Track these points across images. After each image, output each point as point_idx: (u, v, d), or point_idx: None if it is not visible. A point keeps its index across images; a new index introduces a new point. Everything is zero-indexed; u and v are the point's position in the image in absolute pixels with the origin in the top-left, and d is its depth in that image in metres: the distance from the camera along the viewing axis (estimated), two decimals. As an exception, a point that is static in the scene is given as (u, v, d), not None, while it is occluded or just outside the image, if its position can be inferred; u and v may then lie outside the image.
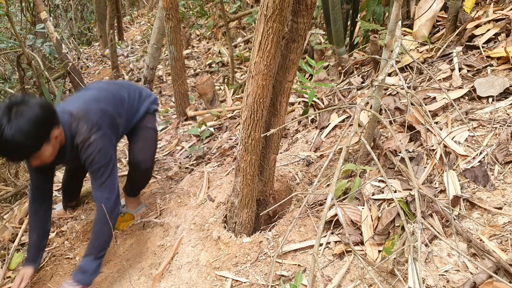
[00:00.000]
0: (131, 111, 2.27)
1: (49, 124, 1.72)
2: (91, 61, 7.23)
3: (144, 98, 2.40)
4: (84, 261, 1.85)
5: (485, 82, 2.01)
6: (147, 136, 2.36)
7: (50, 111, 1.72)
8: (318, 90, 3.04)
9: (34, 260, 2.01)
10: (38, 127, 1.65)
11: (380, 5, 3.01)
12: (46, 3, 6.96)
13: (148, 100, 2.42)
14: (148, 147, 2.34)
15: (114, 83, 2.35)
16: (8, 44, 3.70)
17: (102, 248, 1.90)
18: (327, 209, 1.08)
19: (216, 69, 5.35)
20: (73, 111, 1.89)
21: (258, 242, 1.87)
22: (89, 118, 1.89)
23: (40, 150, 1.70)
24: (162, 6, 3.45)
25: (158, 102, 2.53)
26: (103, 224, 1.87)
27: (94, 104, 1.98)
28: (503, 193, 1.53)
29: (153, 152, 2.39)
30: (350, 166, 1.89)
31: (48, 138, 1.72)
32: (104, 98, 2.07)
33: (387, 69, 1.44)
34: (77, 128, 1.86)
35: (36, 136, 1.65)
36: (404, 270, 1.45)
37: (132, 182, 2.40)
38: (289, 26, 1.58)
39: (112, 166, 1.92)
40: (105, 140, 1.90)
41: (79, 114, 1.88)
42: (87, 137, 1.85)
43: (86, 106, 1.94)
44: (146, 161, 2.30)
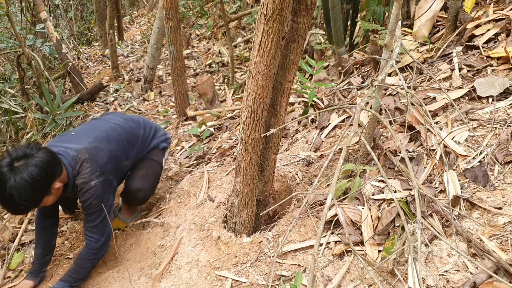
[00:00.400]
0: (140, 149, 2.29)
1: (50, 180, 1.74)
2: (91, 61, 7.23)
3: (157, 136, 2.43)
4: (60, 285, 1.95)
5: (485, 82, 2.01)
6: (151, 166, 2.34)
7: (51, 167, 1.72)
8: (318, 90, 3.04)
9: (36, 275, 2.08)
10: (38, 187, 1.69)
11: (380, 5, 3.01)
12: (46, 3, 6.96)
13: (160, 138, 2.44)
14: (150, 176, 2.31)
15: (133, 120, 2.32)
16: (8, 44, 3.70)
17: (79, 280, 2.00)
18: (327, 209, 1.08)
19: (216, 69, 5.35)
20: (80, 149, 1.89)
21: (258, 242, 1.87)
22: (94, 161, 1.88)
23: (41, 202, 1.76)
24: (162, 6, 3.45)
25: (170, 142, 2.55)
26: (87, 261, 1.98)
27: (104, 145, 1.97)
28: (503, 193, 1.53)
29: (154, 183, 2.36)
30: (350, 166, 1.88)
31: (49, 192, 1.76)
32: (115, 138, 2.06)
33: (387, 69, 1.44)
34: (80, 168, 1.86)
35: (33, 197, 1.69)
36: (404, 270, 1.45)
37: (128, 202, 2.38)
38: (289, 26, 1.58)
39: (107, 211, 1.96)
40: (105, 186, 1.91)
41: (86, 154, 1.88)
42: (88, 181, 1.86)
43: (95, 146, 1.93)
44: (145, 190, 2.26)
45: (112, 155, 1.98)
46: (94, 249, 1.96)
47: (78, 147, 1.89)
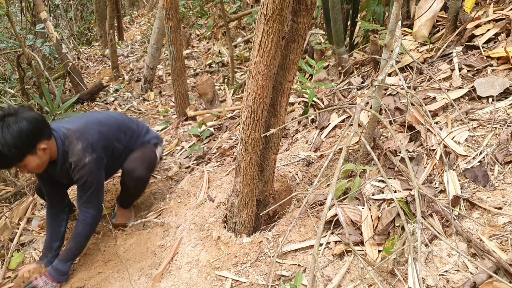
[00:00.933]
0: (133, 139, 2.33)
1: (35, 137, 1.78)
2: (91, 61, 7.23)
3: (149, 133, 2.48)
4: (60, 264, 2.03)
5: (485, 82, 2.01)
6: (146, 152, 2.36)
7: (39, 124, 1.78)
8: (318, 90, 3.04)
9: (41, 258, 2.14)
10: (21, 140, 1.72)
11: (380, 5, 3.01)
12: (46, 3, 6.96)
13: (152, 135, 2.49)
14: (145, 159, 2.32)
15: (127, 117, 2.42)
16: (8, 44, 3.70)
17: (78, 255, 2.10)
18: (327, 209, 1.08)
19: (216, 69, 5.35)
20: (71, 128, 1.95)
21: (258, 242, 1.87)
22: (85, 138, 1.94)
23: (22, 161, 1.78)
24: (162, 6, 3.45)
25: (162, 140, 2.59)
26: (85, 237, 2.06)
27: (94, 126, 2.05)
28: (503, 193, 1.54)
29: (149, 165, 2.35)
30: (350, 166, 1.88)
31: (33, 150, 1.79)
32: (106, 124, 2.13)
33: (387, 69, 1.44)
34: (71, 146, 1.91)
35: (18, 148, 1.73)
36: (404, 270, 1.45)
37: (125, 191, 2.37)
38: (289, 26, 1.58)
39: (100, 186, 2.04)
40: (98, 162, 1.98)
41: (76, 132, 1.94)
42: (81, 158, 1.91)
43: (85, 126, 2.00)
44: (141, 168, 2.26)
45: (102, 135, 2.05)
46: (90, 224, 2.04)
47: (69, 126, 1.96)
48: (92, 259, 2.22)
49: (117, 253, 2.21)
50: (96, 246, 2.32)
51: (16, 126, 1.70)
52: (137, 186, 2.32)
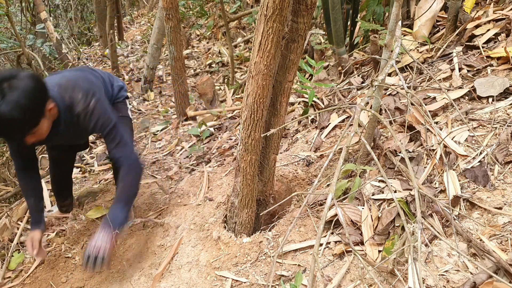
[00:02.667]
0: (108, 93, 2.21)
1: (44, 96, 1.65)
2: (91, 61, 7.23)
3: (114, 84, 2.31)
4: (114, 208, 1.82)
5: (485, 82, 2.01)
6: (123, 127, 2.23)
7: (41, 82, 1.64)
8: (318, 90, 3.04)
9: (39, 222, 2.03)
10: (34, 100, 1.58)
11: (380, 5, 3.01)
12: (46, 3, 6.96)
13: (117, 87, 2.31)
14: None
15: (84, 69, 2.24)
16: (8, 44, 3.70)
17: (132, 197, 1.91)
18: (327, 209, 1.08)
19: (216, 69, 5.35)
20: (60, 82, 1.81)
21: (258, 242, 1.87)
22: (81, 86, 1.82)
23: (38, 125, 1.63)
24: (162, 6, 3.45)
25: (126, 89, 2.43)
26: (133, 176, 1.88)
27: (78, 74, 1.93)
28: (503, 193, 1.53)
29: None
30: (350, 166, 1.88)
31: (45, 112, 1.65)
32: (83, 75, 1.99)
33: (387, 69, 1.44)
34: (71, 98, 1.79)
35: (33, 110, 1.58)
36: (404, 270, 1.45)
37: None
38: (289, 26, 1.58)
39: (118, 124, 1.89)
40: (103, 103, 1.87)
41: (68, 85, 1.81)
42: (87, 104, 1.79)
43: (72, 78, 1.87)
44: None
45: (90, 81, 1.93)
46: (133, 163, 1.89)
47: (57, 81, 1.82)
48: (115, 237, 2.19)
49: (117, 253, 2.21)
50: (96, 246, 2.32)
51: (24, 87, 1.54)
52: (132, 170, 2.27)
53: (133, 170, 1.89)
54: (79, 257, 2.26)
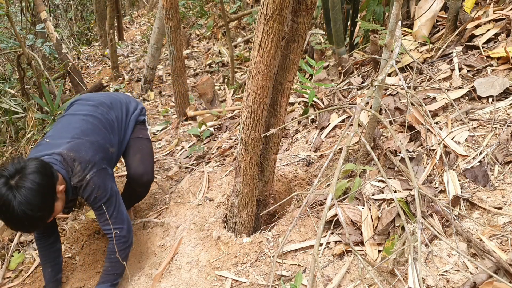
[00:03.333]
0: (121, 131, 2.20)
1: (53, 182, 1.67)
2: (91, 61, 7.23)
3: (132, 112, 2.32)
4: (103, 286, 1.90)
5: (485, 82, 2.01)
6: (143, 147, 2.28)
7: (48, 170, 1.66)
8: (318, 90, 3.04)
9: None
10: (45, 194, 1.61)
11: (380, 5, 3.01)
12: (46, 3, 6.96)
13: (135, 114, 2.33)
14: (147, 158, 2.26)
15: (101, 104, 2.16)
16: (8, 44, 3.70)
17: (119, 276, 1.95)
18: (327, 209, 1.08)
19: (216, 69, 5.35)
20: (62, 152, 1.80)
21: (258, 242, 1.87)
22: (82, 158, 1.81)
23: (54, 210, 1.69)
24: (162, 6, 3.45)
25: (145, 111, 2.45)
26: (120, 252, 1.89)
27: (84, 139, 1.89)
28: (503, 193, 1.53)
29: (153, 162, 2.31)
30: (350, 166, 1.88)
31: (56, 197, 1.69)
32: (92, 130, 1.96)
33: (387, 69, 1.44)
34: (72, 169, 1.80)
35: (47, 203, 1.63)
36: (404, 270, 1.45)
37: (130, 195, 2.30)
38: (289, 26, 1.58)
39: (115, 198, 1.90)
40: (101, 175, 1.85)
41: (70, 153, 1.80)
42: (83, 177, 1.79)
43: (75, 144, 1.84)
44: (148, 173, 2.21)
45: (96, 146, 1.90)
46: (122, 238, 1.90)
47: (59, 150, 1.81)
48: (92, 259, 2.22)
49: (117, 253, 2.21)
50: (96, 246, 2.32)
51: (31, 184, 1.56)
52: (145, 189, 2.29)
53: (121, 248, 1.91)
54: (79, 257, 2.26)
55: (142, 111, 2.40)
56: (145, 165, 2.21)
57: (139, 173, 2.17)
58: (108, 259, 1.92)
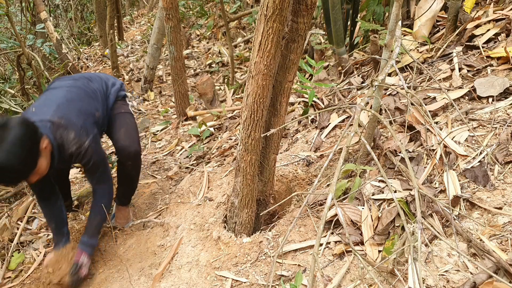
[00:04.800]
0: (104, 103, 2.26)
1: (36, 137, 1.70)
2: (91, 61, 7.23)
3: (111, 86, 2.37)
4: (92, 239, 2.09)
5: (485, 82, 2.01)
6: (126, 121, 2.33)
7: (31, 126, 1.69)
8: (318, 90, 3.04)
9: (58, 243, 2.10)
10: (27, 146, 1.63)
11: (380, 5, 3.01)
12: (46, 3, 6.96)
13: (115, 88, 2.38)
14: (131, 131, 2.31)
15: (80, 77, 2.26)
16: (8, 44, 3.70)
17: (101, 227, 2.16)
18: (327, 209, 1.08)
19: (216, 69, 5.35)
20: (52, 119, 1.83)
21: (258, 242, 1.87)
22: (74, 124, 1.86)
23: (37, 165, 1.71)
24: (162, 6, 3.45)
25: (125, 87, 2.50)
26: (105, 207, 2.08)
27: (70, 106, 1.94)
28: (503, 193, 1.54)
29: (138, 135, 2.36)
30: (350, 166, 1.89)
31: (40, 152, 1.71)
32: (77, 97, 2.03)
33: (387, 69, 1.44)
34: (64, 137, 1.82)
35: (28, 155, 1.65)
36: (404, 270, 1.45)
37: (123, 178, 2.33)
38: (289, 26, 1.58)
39: (105, 161, 2.05)
40: (96, 141, 1.97)
41: (61, 122, 1.83)
42: (80, 144, 1.85)
43: (64, 112, 1.89)
44: (134, 144, 2.26)
45: (83, 112, 1.97)
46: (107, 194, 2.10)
47: (48, 117, 1.83)
48: (92, 259, 2.22)
49: (117, 253, 2.21)
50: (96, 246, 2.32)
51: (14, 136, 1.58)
52: (135, 162, 2.29)
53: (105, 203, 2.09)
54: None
55: (122, 87, 2.47)
56: (131, 138, 2.27)
57: (125, 145, 2.23)
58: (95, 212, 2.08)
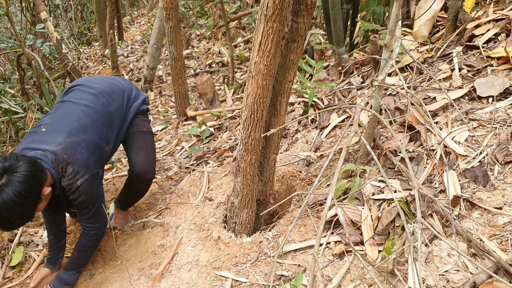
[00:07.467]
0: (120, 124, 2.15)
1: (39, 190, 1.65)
2: (91, 61, 7.23)
3: (133, 101, 2.24)
4: (66, 274, 2.02)
5: (485, 82, 2.01)
6: (147, 143, 2.25)
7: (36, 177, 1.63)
8: (318, 90, 3.04)
9: (54, 262, 2.09)
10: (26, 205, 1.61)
11: (380, 5, 3.01)
12: (46, 3, 6.96)
13: (136, 104, 2.26)
14: (151, 155, 2.25)
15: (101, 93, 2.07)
16: (8, 44, 3.70)
17: (84, 265, 2.09)
18: (327, 209, 1.08)
19: (216, 69, 5.35)
20: (56, 151, 1.76)
21: (258, 242, 1.87)
22: (75, 161, 1.77)
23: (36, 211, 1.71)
24: (162, 6, 3.45)
25: (148, 101, 2.38)
26: (89, 247, 2.02)
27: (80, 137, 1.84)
28: (503, 193, 1.53)
29: (155, 158, 2.32)
30: (350, 166, 1.89)
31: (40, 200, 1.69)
32: (91, 126, 1.91)
33: (387, 69, 1.44)
34: (63, 171, 1.77)
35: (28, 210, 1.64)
36: (404, 270, 1.45)
37: (131, 192, 2.29)
38: (289, 26, 1.58)
39: (98, 201, 1.94)
40: (92, 181, 1.84)
41: (64, 155, 1.76)
42: (73, 181, 1.78)
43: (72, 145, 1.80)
44: (151, 170, 2.23)
45: (92, 146, 1.86)
46: (93, 235, 2.00)
47: (54, 148, 1.76)
48: (92, 259, 2.22)
49: (117, 253, 2.21)
50: (96, 246, 2.32)
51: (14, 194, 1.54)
52: (146, 186, 2.28)
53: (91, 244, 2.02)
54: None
55: (145, 101, 2.33)
56: (149, 163, 2.22)
57: (144, 171, 2.17)
58: (78, 250, 2.02)
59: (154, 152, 2.32)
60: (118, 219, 2.41)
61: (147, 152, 2.22)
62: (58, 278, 2.01)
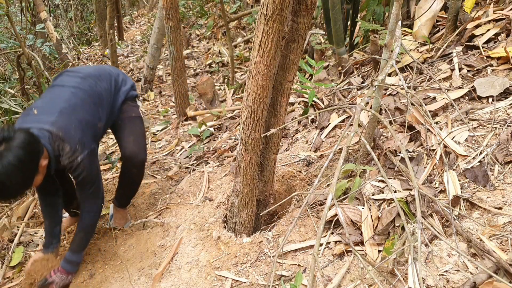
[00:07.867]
0: (109, 105, 2.19)
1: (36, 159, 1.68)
2: (91, 61, 7.23)
3: (120, 86, 2.28)
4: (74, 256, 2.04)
5: (485, 82, 2.01)
6: (136, 128, 2.29)
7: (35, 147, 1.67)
8: (318, 90, 3.04)
9: (47, 246, 2.12)
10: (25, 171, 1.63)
11: (380, 5, 3.01)
12: (46, 3, 6.96)
13: (125, 88, 2.30)
14: (140, 139, 2.28)
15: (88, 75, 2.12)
16: (8, 44, 3.70)
17: (88, 243, 2.13)
18: (327, 209, 1.08)
19: (216, 69, 5.35)
20: (52, 130, 1.79)
21: (258, 242, 1.87)
22: (71, 137, 1.82)
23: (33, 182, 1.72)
24: (162, 6, 3.45)
25: (136, 87, 2.41)
26: (92, 225, 2.07)
27: (72, 116, 1.89)
28: (503, 193, 1.53)
29: (145, 142, 2.34)
30: (350, 166, 1.89)
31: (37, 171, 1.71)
32: (81, 105, 1.96)
33: (387, 69, 1.44)
34: (61, 149, 1.80)
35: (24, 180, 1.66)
36: (404, 270, 1.45)
37: (125, 181, 2.31)
38: (289, 26, 1.58)
39: (98, 178, 2.00)
40: (90, 157, 1.90)
41: (60, 134, 1.80)
42: (73, 159, 1.82)
43: (65, 122, 1.84)
44: (141, 153, 2.24)
45: (84, 124, 1.92)
46: (96, 212, 2.05)
47: (48, 127, 1.80)
48: (92, 259, 2.22)
49: (117, 253, 2.21)
50: (96, 246, 2.32)
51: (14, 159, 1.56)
52: (140, 170, 2.28)
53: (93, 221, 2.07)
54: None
55: (133, 87, 2.39)
56: (139, 146, 2.25)
57: (134, 154, 2.21)
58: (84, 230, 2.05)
59: (144, 136, 2.35)
60: (117, 218, 2.40)
61: (136, 136, 2.27)
62: (67, 261, 2.02)
